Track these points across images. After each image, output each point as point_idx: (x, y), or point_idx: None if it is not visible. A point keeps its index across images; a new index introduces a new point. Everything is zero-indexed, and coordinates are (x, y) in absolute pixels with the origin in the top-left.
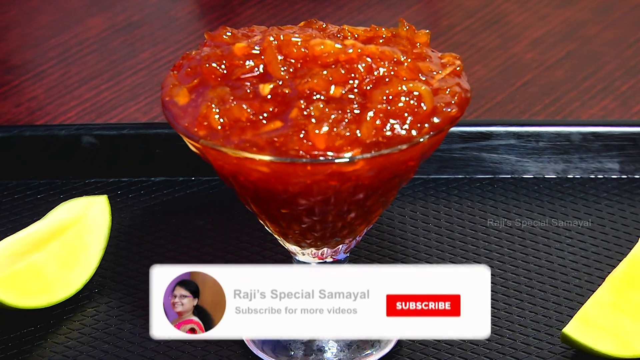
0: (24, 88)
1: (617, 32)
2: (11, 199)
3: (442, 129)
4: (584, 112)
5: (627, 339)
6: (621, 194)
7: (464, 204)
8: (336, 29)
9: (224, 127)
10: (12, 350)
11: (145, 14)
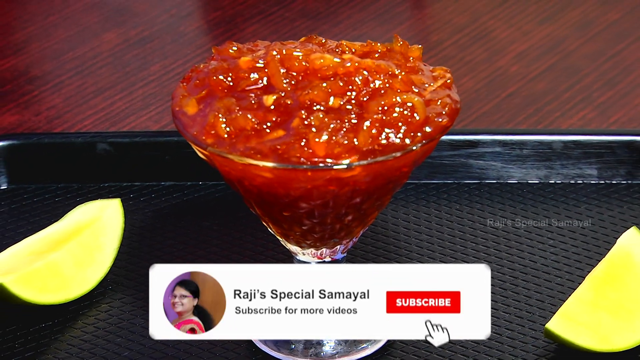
0: (43, 98)
1: (595, 47)
2: (31, 201)
3: (433, 138)
4: (565, 121)
5: (606, 335)
6: (599, 199)
7: (452, 207)
8: (335, 44)
9: (230, 136)
10: (31, 344)
11: (156, 29)
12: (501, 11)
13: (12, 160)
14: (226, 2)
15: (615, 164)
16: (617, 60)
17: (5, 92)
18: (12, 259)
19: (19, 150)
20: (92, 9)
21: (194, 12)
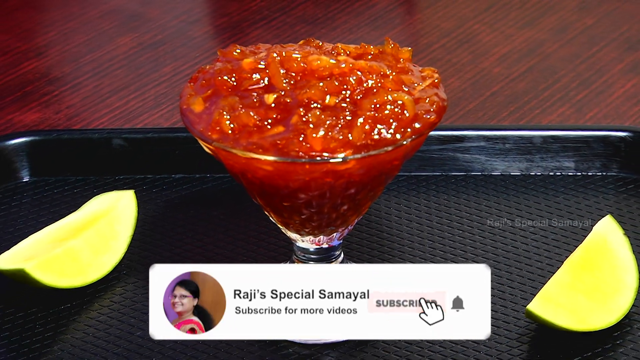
0: (62, 97)
1: (571, 50)
2: (51, 193)
3: (422, 133)
4: (544, 118)
5: (583, 315)
6: (577, 189)
7: (440, 198)
8: (331, 47)
9: (234, 131)
10: (51, 324)
11: (167, 34)
12: (485, 17)
13: (34, 154)
14: (232, 8)
15: (591, 157)
16: (592, 62)
17: (28, 92)
18: (34, 246)
19: (40, 146)
20: (108, 15)
21: (203, 18)
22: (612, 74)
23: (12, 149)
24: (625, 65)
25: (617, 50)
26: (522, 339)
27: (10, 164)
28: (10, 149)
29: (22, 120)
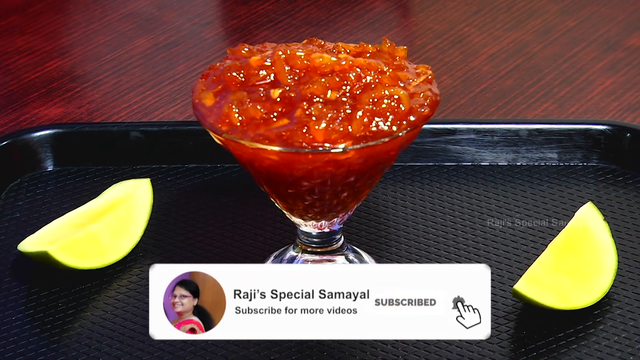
0: (84, 93)
1: (554, 50)
2: (73, 181)
3: (417, 126)
4: (529, 112)
5: (566, 295)
6: (559, 178)
7: (433, 186)
8: (332, 46)
9: (242, 124)
10: (72, 303)
11: (181, 35)
12: (475, 20)
13: (58, 146)
14: (241, 12)
15: (573, 149)
16: (573, 61)
17: (53, 89)
18: (57, 230)
19: (63, 138)
20: (126, 18)
21: (214, 21)
22: (592, 72)
23: (37, 140)
24: (605, 64)
25: (597, 50)
26: (509, 316)
27: (36, 154)
28: (35, 141)
29: (47, 114)
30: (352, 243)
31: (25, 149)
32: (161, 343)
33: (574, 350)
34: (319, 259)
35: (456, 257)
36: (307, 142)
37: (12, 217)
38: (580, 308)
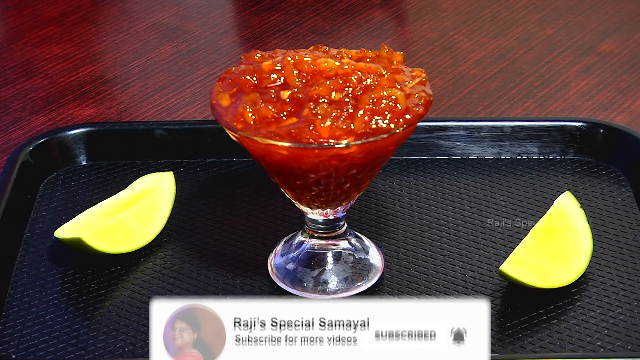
0: (114, 95)
1: (535, 55)
2: (104, 174)
3: (412, 123)
4: (512, 111)
5: (546, 274)
6: (540, 170)
7: (427, 177)
8: (336, 52)
9: (255, 122)
10: (103, 284)
11: (201, 43)
12: (463, 28)
13: (90, 143)
14: (254, 22)
15: (552, 143)
16: (551, 65)
17: (86, 92)
18: (89, 219)
19: (95, 135)
20: (151, 28)
21: (230, 30)
22: (568, 75)
23: (72, 138)
24: (579, 67)
25: (573, 55)
26: (495, 294)
27: (71, 150)
28: (70, 138)
29: (80, 114)
30: (354, 229)
31: (61, 146)
32: None
33: (554, 324)
34: (324, 243)
35: (447, 241)
36: (313, 138)
37: (50, 207)
38: (560, 287)
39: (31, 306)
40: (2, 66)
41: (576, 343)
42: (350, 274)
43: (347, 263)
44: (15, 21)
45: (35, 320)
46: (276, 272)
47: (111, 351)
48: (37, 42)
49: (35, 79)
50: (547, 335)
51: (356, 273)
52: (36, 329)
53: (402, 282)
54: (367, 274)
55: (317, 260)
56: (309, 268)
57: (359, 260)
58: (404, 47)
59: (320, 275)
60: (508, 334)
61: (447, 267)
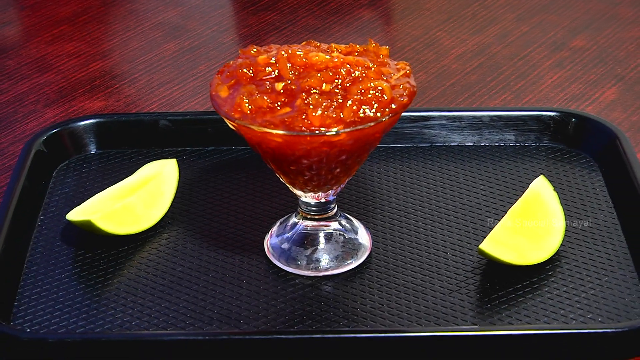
0: (122, 89)
1: (512, 50)
2: (112, 162)
3: (397, 112)
4: (491, 102)
5: (523, 253)
6: (516, 156)
7: (412, 163)
8: (326, 46)
9: (252, 112)
10: (112, 263)
11: (202, 40)
12: (445, 26)
13: (100, 133)
14: (252, 21)
15: (527, 132)
16: (527, 59)
17: (96, 86)
18: (99, 203)
19: (104, 126)
20: (157, 27)
21: (230, 28)
22: (542, 69)
23: (82, 128)
24: (553, 61)
25: (546, 51)
26: (475, 271)
27: (82, 139)
28: (81, 128)
29: (91, 106)
30: (345, 211)
31: (72, 135)
32: (186, 295)
33: (530, 298)
34: (317, 224)
35: (431, 222)
36: (306, 126)
37: (62, 192)
38: (535, 263)
39: (44, 283)
40: (18, 62)
41: (550, 315)
42: (340, 253)
43: (337, 242)
44: (30, 21)
45: (48, 296)
46: (272, 251)
47: (119, 325)
48: (50, 40)
49: (49, 74)
50: (523, 309)
51: (346, 252)
52: (49, 305)
53: (388, 260)
54: (356, 252)
55: (310, 240)
56: (303, 247)
57: (349, 239)
58: (391, 44)
59: (312, 254)
60: (487, 308)
61: (431, 245)
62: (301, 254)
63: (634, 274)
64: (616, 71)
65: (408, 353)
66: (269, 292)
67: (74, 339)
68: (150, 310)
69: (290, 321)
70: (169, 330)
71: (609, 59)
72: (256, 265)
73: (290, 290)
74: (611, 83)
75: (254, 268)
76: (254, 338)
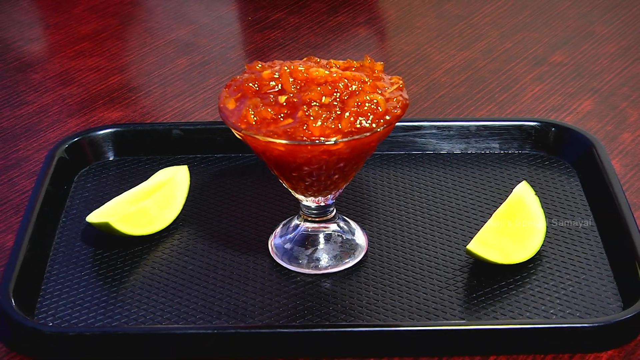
0: (138, 101)
1: (496, 65)
2: (129, 168)
3: (391, 123)
4: (477, 113)
5: (507, 252)
6: (501, 163)
7: (404, 170)
8: (325, 62)
9: (257, 123)
10: (127, 262)
11: (212, 56)
12: (435, 42)
13: (117, 141)
14: (257, 38)
15: (511, 140)
16: (510, 74)
17: (114, 97)
18: (116, 206)
19: (122, 135)
20: (170, 44)
21: (237, 45)
22: (524, 82)
23: (101, 137)
24: (534, 75)
25: (528, 65)
26: (463, 269)
27: (101, 147)
28: (100, 137)
29: (109, 116)
30: (343, 214)
31: (92, 143)
32: (196, 291)
33: (513, 295)
34: (317, 226)
35: (422, 224)
36: (306, 136)
37: (82, 196)
38: (518, 262)
39: (66, 281)
40: (43, 76)
41: (532, 311)
42: (339, 252)
43: (336, 243)
44: (54, 38)
45: (69, 292)
46: (275, 251)
47: (134, 319)
48: (73, 56)
49: (71, 87)
50: (508, 305)
51: (344, 251)
52: (70, 301)
53: (383, 259)
54: (353, 252)
55: (310, 241)
56: (304, 247)
57: (347, 240)
58: (385, 59)
59: (313, 254)
60: (474, 304)
61: (422, 246)
62: (302, 253)
63: (609, 272)
64: (592, 84)
65: (400, 345)
66: (273, 288)
67: (93, 332)
68: (163, 305)
69: (293, 316)
70: (180, 324)
71: (585, 73)
72: (261, 264)
73: (292, 287)
74: (587, 95)
75: (259, 267)
76: (259, 332)
